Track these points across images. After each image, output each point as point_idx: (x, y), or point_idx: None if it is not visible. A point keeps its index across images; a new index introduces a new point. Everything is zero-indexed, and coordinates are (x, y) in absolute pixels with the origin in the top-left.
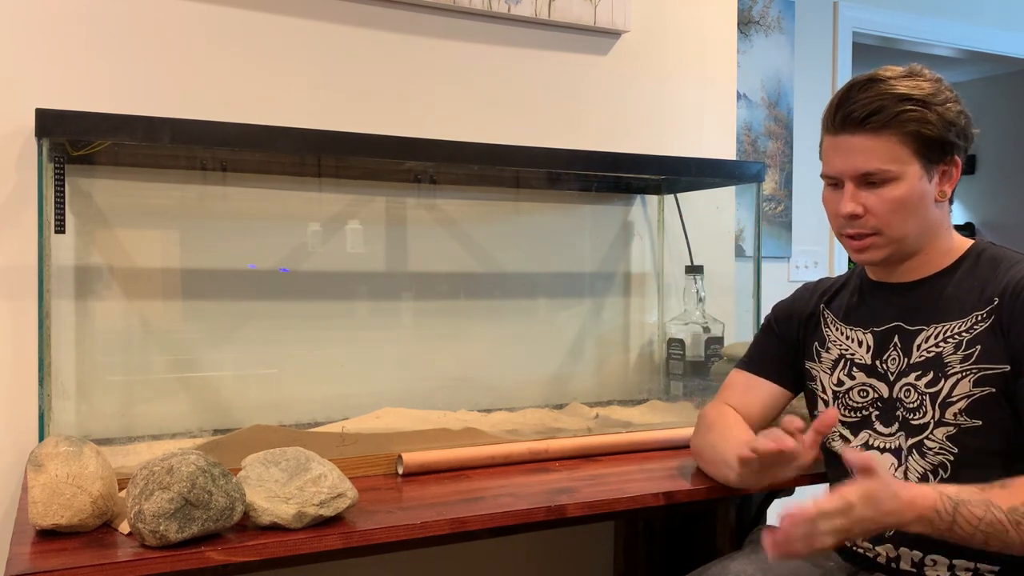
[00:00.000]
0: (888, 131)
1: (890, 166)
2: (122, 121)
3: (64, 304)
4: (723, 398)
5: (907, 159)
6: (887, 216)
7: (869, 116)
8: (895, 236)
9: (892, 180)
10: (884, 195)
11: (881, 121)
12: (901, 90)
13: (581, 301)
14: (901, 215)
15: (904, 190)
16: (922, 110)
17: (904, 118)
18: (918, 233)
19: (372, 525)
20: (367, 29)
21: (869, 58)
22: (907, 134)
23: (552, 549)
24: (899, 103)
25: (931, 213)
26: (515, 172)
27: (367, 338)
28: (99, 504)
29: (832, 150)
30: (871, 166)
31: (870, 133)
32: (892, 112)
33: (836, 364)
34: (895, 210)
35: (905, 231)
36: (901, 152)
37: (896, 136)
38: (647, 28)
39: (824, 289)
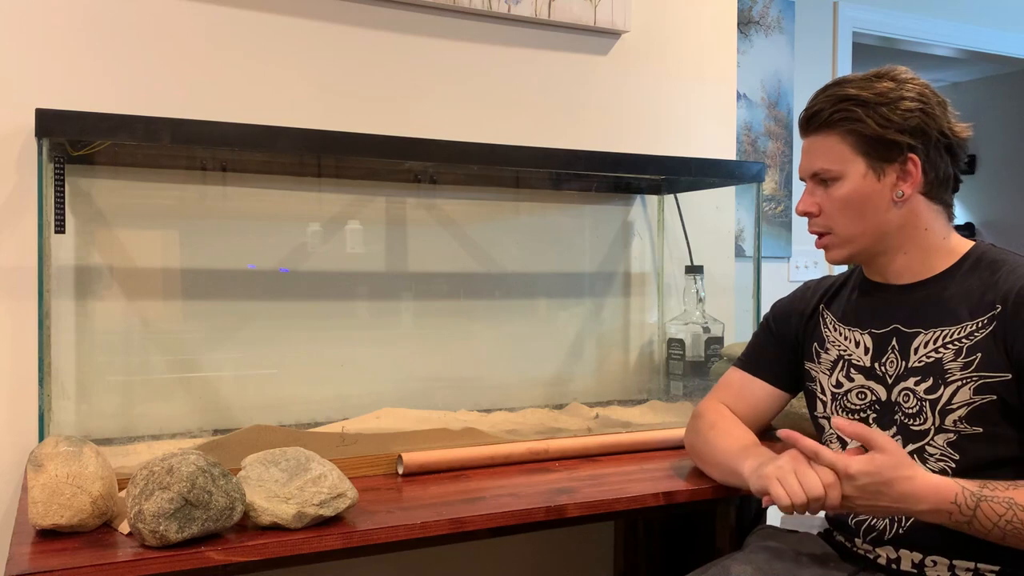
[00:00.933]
0: (827, 131)
1: (831, 165)
2: (122, 121)
3: (64, 304)
4: (718, 396)
5: (849, 158)
6: (834, 215)
7: (811, 118)
8: (845, 235)
9: (836, 179)
10: (831, 194)
11: (818, 122)
12: (845, 92)
13: (581, 301)
14: (847, 214)
15: (848, 188)
16: (858, 110)
17: (837, 118)
18: (875, 233)
19: (372, 525)
20: (367, 29)
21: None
22: (846, 132)
23: (552, 549)
24: (836, 104)
25: (887, 213)
26: (515, 172)
27: (367, 338)
28: (99, 504)
29: (801, 151)
30: (815, 165)
31: (814, 134)
32: (827, 113)
33: (835, 365)
34: (841, 208)
35: (854, 230)
36: (843, 151)
37: (835, 136)
38: (647, 28)
39: (825, 288)
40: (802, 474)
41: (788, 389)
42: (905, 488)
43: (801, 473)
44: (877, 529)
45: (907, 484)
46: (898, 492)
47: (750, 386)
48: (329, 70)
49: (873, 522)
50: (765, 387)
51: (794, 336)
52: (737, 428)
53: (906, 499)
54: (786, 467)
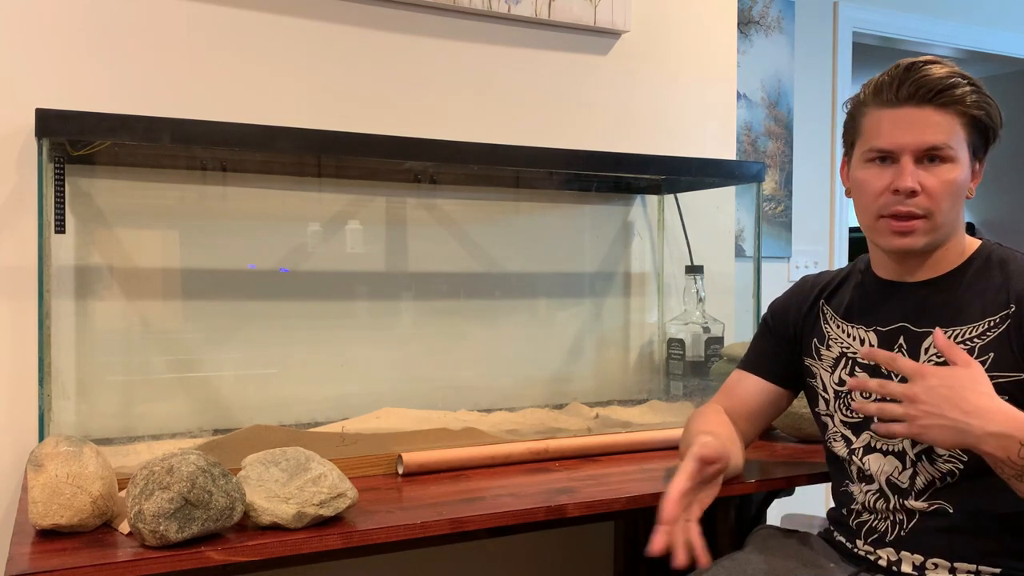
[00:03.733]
0: (956, 108)
1: (954, 144)
2: (122, 121)
3: (64, 304)
4: (715, 398)
5: (963, 143)
6: (941, 198)
7: (942, 91)
8: (940, 222)
9: (950, 160)
10: (942, 175)
11: (953, 98)
12: (966, 74)
13: (581, 301)
14: (951, 200)
15: (958, 173)
16: (984, 97)
17: (971, 100)
18: (952, 224)
19: (372, 525)
20: (367, 29)
21: (869, 58)
22: (970, 117)
23: (552, 549)
24: (968, 84)
25: (963, 209)
26: (515, 172)
27: (367, 338)
28: (99, 504)
29: (891, 123)
30: (940, 140)
31: (938, 108)
32: (962, 91)
33: (837, 362)
34: (949, 193)
35: (948, 218)
36: (960, 134)
37: (960, 117)
38: (647, 28)
39: (824, 284)
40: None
41: (788, 386)
42: (981, 402)
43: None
44: (879, 531)
45: (984, 399)
46: (973, 404)
47: (746, 384)
48: (329, 70)
49: (875, 523)
50: (761, 384)
51: (792, 333)
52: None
53: (979, 413)
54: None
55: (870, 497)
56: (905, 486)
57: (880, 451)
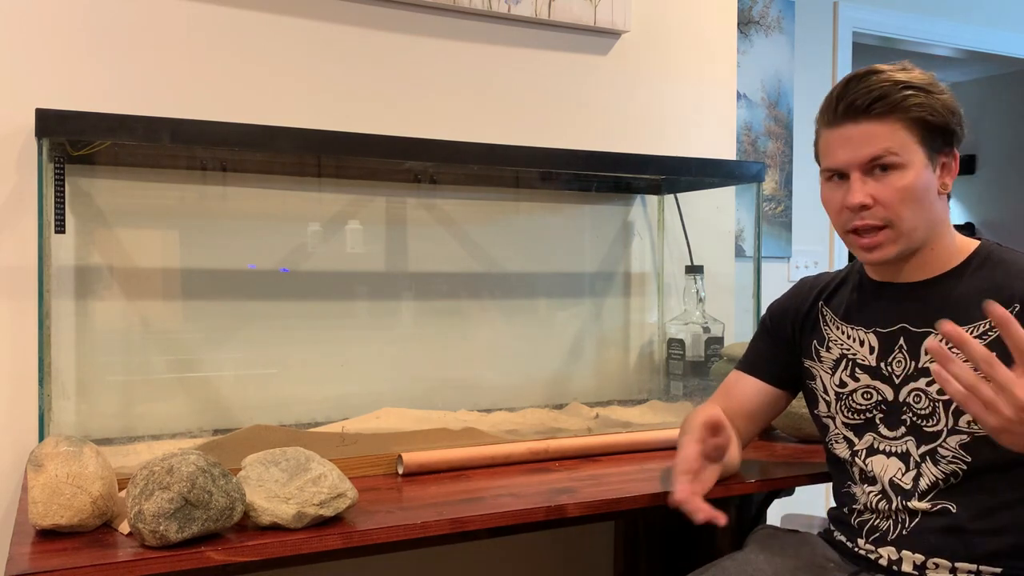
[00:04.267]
0: (893, 116)
1: (898, 151)
2: (122, 121)
3: (64, 304)
4: (713, 398)
5: (912, 146)
6: (897, 206)
7: (874, 102)
8: (905, 228)
9: (900, 167)
10: (893, 183)
11: (886, 106)
12: (902, 78)
13: (581, 301)
14: (910, 205)
15: (912, 178)
16: (924, 96)
17: (908, 104)
18: (925, 227)
19: (372, 525)
20: (367, 29)
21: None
22: (912, 120)
23: (552, 549)
24: (902, 89)
25: (935, 206)
26: (515, 172)
27: (367, 338)
28: (99, 504)
29: (834, 142)
30: (875, 150)
31: (875, 119)
32: (896, 98)
33: (838, 364)
34: (904, 199)
35: (915, 223)
36: (906, 138)
37: (901, 122)
38: (647, 28)
39: (823, 286)
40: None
41: (786, 388)
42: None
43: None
44: (880, 530)
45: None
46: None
47: (743, 385)
48: (329, 70)
49: (876, 522)
50: (759, 385)
51: (791, 334)
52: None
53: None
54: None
55: (872, 498)
56: (908, 487)
57: (883, 452)
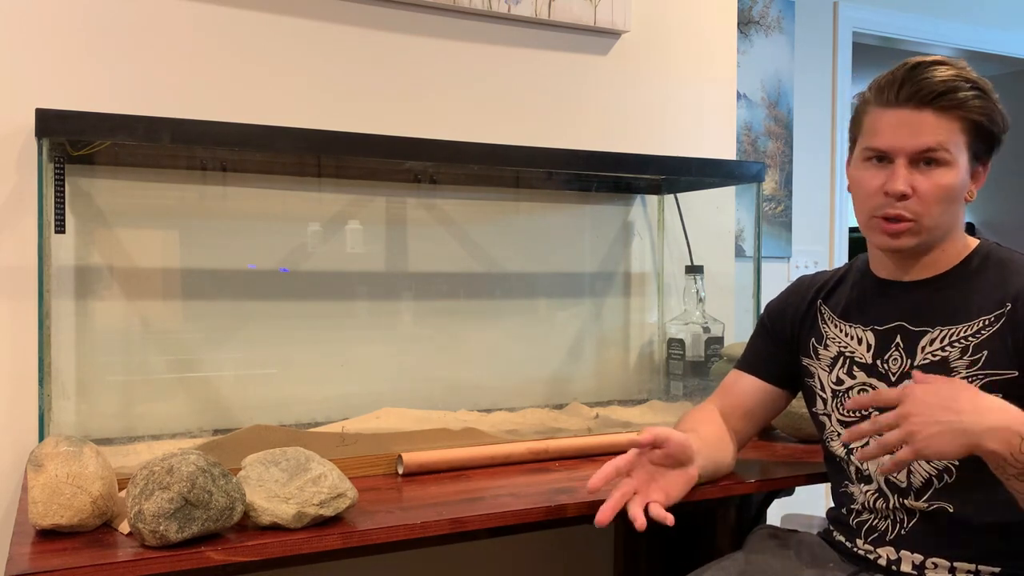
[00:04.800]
0: (956, 113)
1: (951, 148)
2: (122, 121)
3: (64, 304)
4: (712, 397)
5: (962, 147)
6: (932, 203)
7: (942, 94)
8: (930, 225)
9: (946, 165)
10: (936, 179)
11: (953, 101)
12: (972, 77)
13: (581, 301)
14: (943, 205)
15: (953, 178)
16: (987, 100)
17: (973, 105)
18: (945, 228)
19: (372, 525)
20: (367, 29)
21: (869, 58)
22: (970, 122)
23: (552, 549)
24: (971, 88)
25: (960, 211)
26: (515, 172)
27: (367, 338)
28: (99, 504)
29: (888, 124)
30: (934, 143)
31: (938, 112)
32: (965, 95)
33: (835, 362)
34: (941, 198)
35: (939, 222)
36: (959, 138)
37: (960, 122)
38: (647, 28)
39: (821, 284)
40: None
41: (785, 387)
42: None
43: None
44: (879, 530)
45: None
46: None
47: (742, 384)
48: (329, 70)
49: (874, 523)
50: (758, 384)
51: (790, 333)
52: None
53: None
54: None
55: (870, 497)
56: (904, 485)
57: None
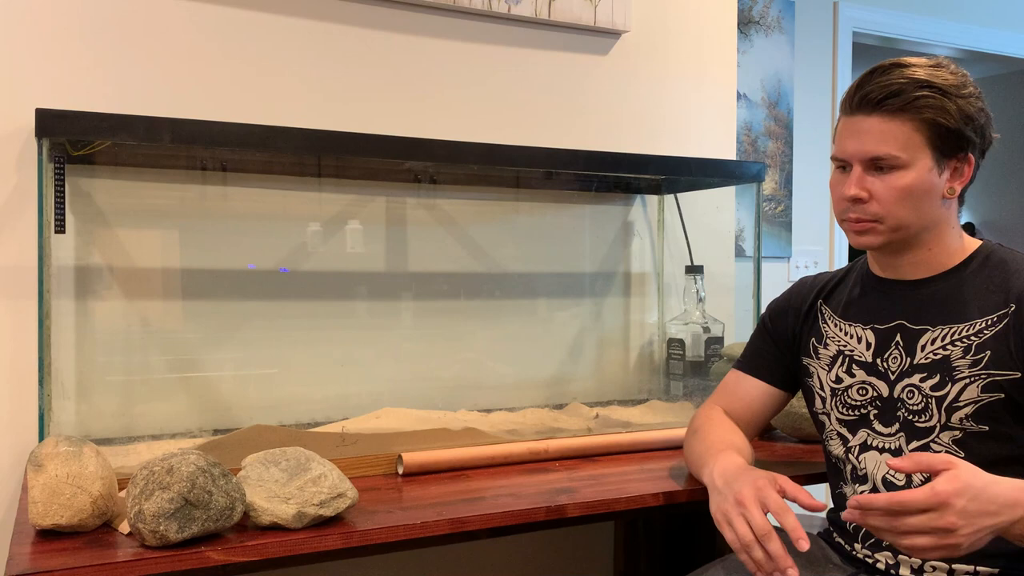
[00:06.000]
0: (904, 115)
1: (900, 152)
2: (122, 121)
3: (64, 304)
4: (714, 399)
5: (919, 147)
6: (890, 204)
7: (886, 98)
8: (895, 224)
9: (900, 167)
10: (890, 182)
11: (897, 104)
12: (922, 76)
13: (581, 301)
14: (904, 205)
15: (911, 179)
16: (941, 98)
17: (921, 104)
18: (920, 226)
19: (372, 525)
20: (367, 29)
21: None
22: (923, 121)
23: (552, 549)
24: (918, 88)
25: (936, 208)
26: (515, 172)
27: (367, 338)
28: (99, 504)
29: (845, 131)
30: (881, 150)
31: (885, 116)
32: (910, 96)
33: (835, 360)
34: (899, 199)
35: (905, 222)
36: (914, 139)
37: (911, 122)
38: (647, 28)
39: (822, 284)
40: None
41: (786, 388)
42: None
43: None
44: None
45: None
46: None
47: (745, 385)
48: (329, 70)
49: None
50: (760, 385)
51: (791, 333)
52: (715, 431)
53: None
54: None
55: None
56: (902, 484)
57: (876, 448)
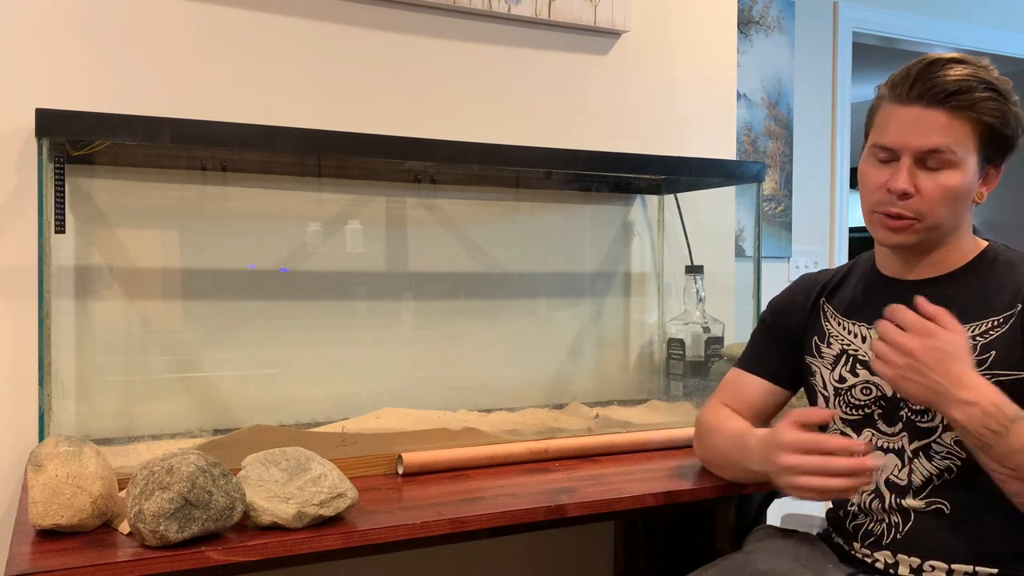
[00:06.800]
0: (967, 114)
1: (958, 150)
2: (122, 121)
3: (64, 304)
4: (718, 398)
5: (971, 149)
6: (935, 203)
7: (954, 94)
8: (932, 224)
9: (952, 167)
10: (941, 180)
11: (965, 102)
12: (985, 76)
13: (581, 301)
14: (946, 205)
15: (959, 179)
16: (1002, 102)
17: (985, 106)
18: (950, 228)
19: (372, 525)
20: (367, 29)
21: (869, 58)
22: (982, 123)
23: (552, 549)
24: (985, 89)
25: (966, 211)
26: (515, 172)
27: (367, 338)
28: (99, 504)
29: (897, 120)
30: (936, 142)
31: (948, 111)
32: (977, 96)
33: (838, 360)
34: (943, 198)
35: (942, 222)
36: (970, 140)
37: (972, 123)
38: (647, 28)
39: (824, 282)
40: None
41: (787, 386)
42: (963, 372)
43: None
44: (875, 534)
45: (965, 369)
46: (955, 373)
47: (747, 384)
48: (329, 70)
49: (871, 527)
50: (762, 384)
51: (793, 331)
52: (732, 423)
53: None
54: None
55: (865, 498)
56: (904, 484)
57: (880, 448)
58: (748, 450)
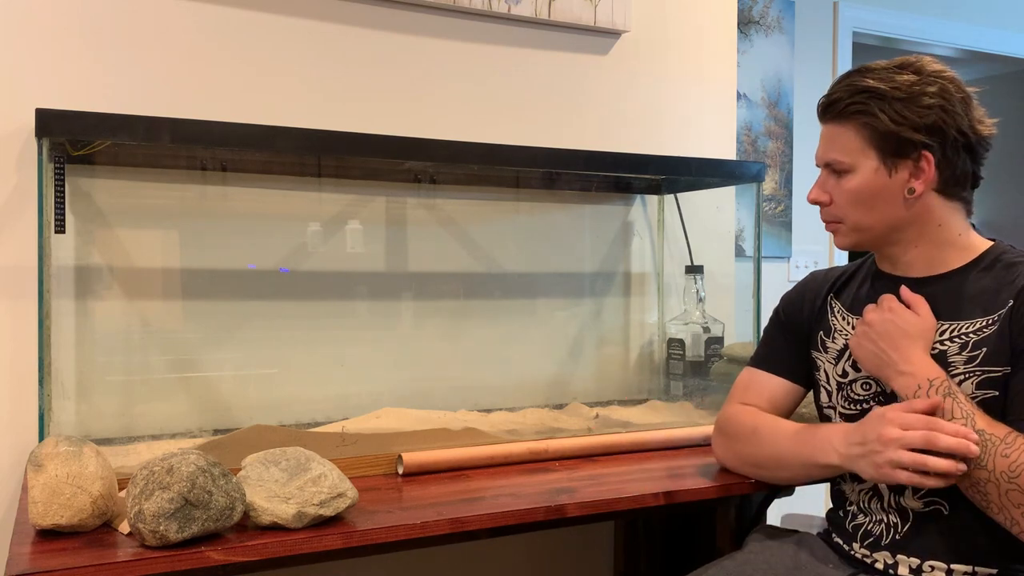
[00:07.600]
0: (844, 122)
1: (843, 157)
2: (122, 121)
3: (64, 304)
4: (738, 398)
5: (862, 151)
6: (844, 207)
7: (828, 106)
8: (853, 226)
9: (847, 171)
10: (842, 185)
11: (835, 111)
12: (864, 83)
13: (581, 301)
14: (857, 207)
15: (857, 182)
16: (872, 104)
17: (853, 111)
18: (886, 226)
19: (372, 525)
20: (367, 29)
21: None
22: (861, 125)
23: (552, 549)
24: (853, 95)
25: (898, 208)
26: (515, 172)
27: (367, 338)
28: (99, 504)
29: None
30: (829, 156)
31: (831, 123)
32: (843, 104)
33: (841, 354)
34: (850, 201)
35: (864, 223)
36: (856, 143)
37: (850, 127)
38: (647, 28)
39: (834, 279)
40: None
41: (804, 384)
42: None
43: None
44: (874, 534)
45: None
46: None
47: (765, 383)
48: (329, 70)
49: (870, 527)
50: (780, 382)
51: (804, 325)
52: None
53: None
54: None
55: (863, 496)
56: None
57: None
58: (818, 442)
